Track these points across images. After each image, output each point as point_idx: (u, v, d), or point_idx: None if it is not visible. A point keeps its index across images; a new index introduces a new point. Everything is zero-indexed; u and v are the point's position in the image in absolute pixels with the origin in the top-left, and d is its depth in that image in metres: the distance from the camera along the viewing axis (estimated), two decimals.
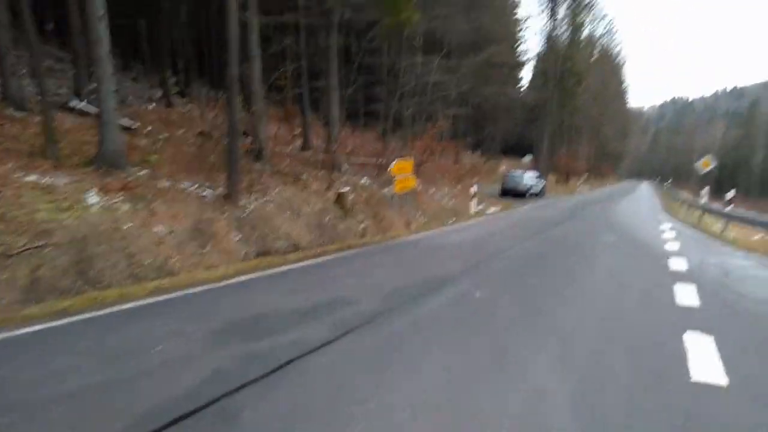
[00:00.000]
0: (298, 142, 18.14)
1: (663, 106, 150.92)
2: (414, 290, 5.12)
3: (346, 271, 6.23)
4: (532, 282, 5.88)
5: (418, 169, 15.96)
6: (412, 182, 13.07)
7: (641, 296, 5.47)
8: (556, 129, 33.87)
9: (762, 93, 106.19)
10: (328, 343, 3.55)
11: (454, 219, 13.35)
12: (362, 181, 14.39)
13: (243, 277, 5.69)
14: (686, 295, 5.44)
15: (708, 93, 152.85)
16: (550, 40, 31.19)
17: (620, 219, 16.07)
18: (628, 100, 72.37)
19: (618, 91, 62.23)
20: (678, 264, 7.53)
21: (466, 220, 13.78)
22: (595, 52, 42.38)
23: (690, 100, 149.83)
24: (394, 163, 11.84)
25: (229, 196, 8.34)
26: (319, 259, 7.01)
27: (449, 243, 9.09)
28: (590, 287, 5.82)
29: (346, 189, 11.26)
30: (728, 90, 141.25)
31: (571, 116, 36.01)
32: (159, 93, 17.11)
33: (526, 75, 52.12)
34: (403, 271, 6.25)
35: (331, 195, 11.50)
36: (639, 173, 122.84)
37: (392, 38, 19.48)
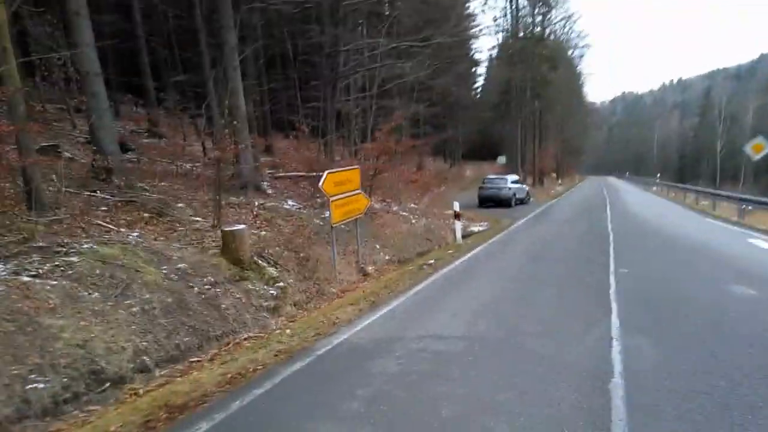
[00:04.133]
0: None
1: (614, 101, 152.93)
2: None
3: None
4: None
5: (372, 182, 11.25)
6: (362, 203, 8.34)
7: None
8: (528, 124, 29.99)
9: (706, 83, 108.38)
10: None
11: (433, 260, 8.52)
12: (287, 206, 9.52)
13: None
14: None
15: (656, 86, 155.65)
16: (516, 19, 27.35)
17: (670, 233, 11.72)
18: (586, 94, 70.28)
19: (577, 85, 60.06)
20: None
21: (451, 255, 9.07)
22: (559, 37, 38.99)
23: (640, 93, 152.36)
24: (325, 176, 7.06)
25: None
26: None
27: (443, 350, 4.17)
28: None
29: (240, 227, 6.32)
30: (674, 82, 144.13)
31: (547, 108, 32.23)
32: None
33: (482, 70, 48.81)
34: None
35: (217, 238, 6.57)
36: (597, 169, 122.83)
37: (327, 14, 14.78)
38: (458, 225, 10.02)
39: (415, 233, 11.82)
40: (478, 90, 52.28)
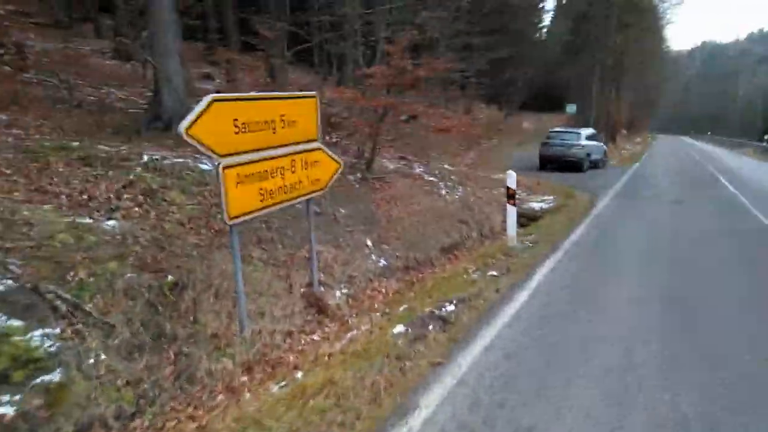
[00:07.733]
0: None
1: (692, 51, 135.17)
2: None
3: None
4: None
5: (377, 129, 6.93)
6: (326, 168, 4.11)
7: None
8: (607, 67, 23.81)
9: None
10: None
11: (455, 300, 4.00)
12: (205, 166, 5.42)
13: None
14: None
15: (742, 36, 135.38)
16: None
17: None
18: (666, 38, 59.57)
19: (659, 24, 50.79)
20: None
21: (495, 284, 4.70)
22: None
23: (722, 43, 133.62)
24: (204, 105, 2.90)
25: None
26: None
27: None
28: None
29: None
30: (764, 31, 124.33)
31: (626, 48, 25.67)
32: None
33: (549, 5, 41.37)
34: None
35: None
36: (666, 127, 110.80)
37: None
38: (513, 213, 5.59)
39: (444, 213, 7.52)
40: (543, 29, 44.86)
